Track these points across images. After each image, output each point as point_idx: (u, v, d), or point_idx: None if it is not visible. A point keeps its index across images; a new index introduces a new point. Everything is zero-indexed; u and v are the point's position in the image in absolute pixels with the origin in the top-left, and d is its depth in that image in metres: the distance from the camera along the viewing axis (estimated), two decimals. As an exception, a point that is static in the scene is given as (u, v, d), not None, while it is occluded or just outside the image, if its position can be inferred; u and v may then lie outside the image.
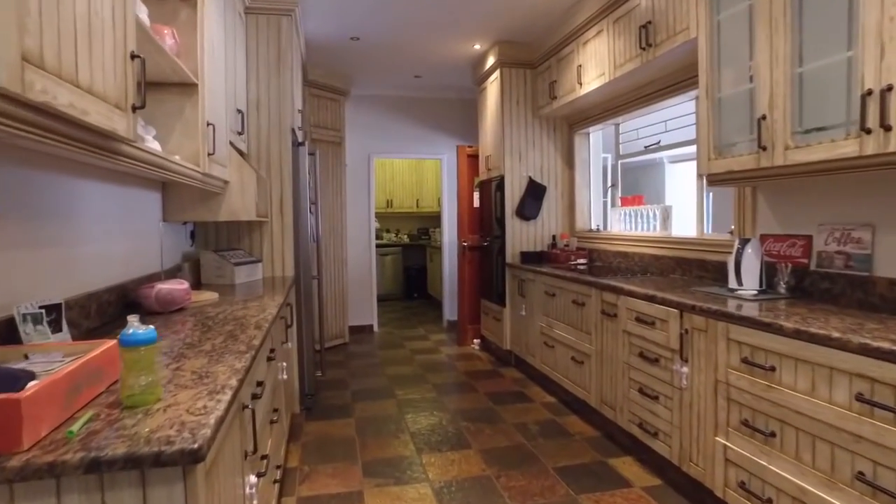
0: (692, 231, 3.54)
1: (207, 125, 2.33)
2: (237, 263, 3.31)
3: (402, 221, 9.62)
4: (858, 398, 1.64)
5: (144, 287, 2.24)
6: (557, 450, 3.13)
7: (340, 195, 5.90)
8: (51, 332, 1.46)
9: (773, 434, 1.98)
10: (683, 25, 2.85)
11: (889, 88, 1.72)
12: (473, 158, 5.92)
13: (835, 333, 1.73)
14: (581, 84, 4.05)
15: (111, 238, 2.20)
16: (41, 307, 1.45)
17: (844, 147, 1.90)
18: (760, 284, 2.58)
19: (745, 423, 2.11)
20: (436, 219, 8.65)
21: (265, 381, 1.94)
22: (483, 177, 5.61)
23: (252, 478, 1.57)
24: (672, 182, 4.83)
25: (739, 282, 2.61)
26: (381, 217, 9.00)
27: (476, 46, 5.01)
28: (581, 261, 4.56)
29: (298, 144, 3.87)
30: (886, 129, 1.73)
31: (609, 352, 3.21)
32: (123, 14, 1.35)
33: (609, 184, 4.83)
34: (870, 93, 1.78)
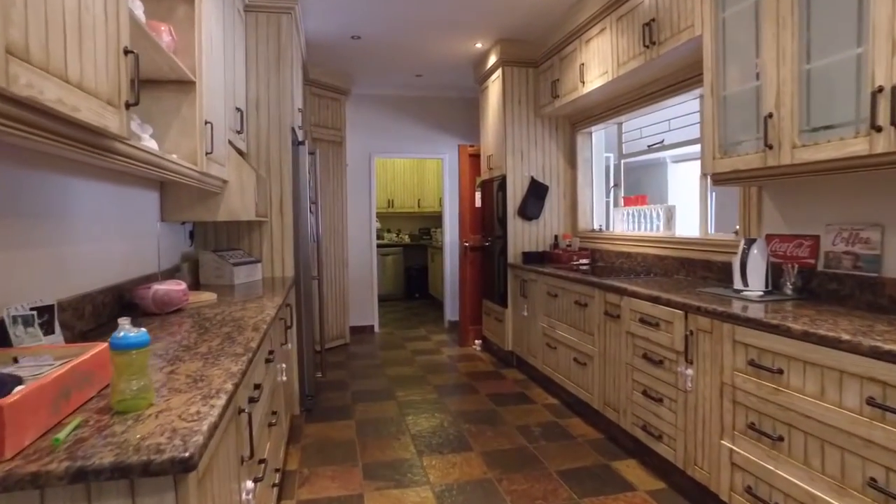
0: (695, 231, 3.50)
1: (205, 123, 2.30)
2: (236, 264, 3.27)
3: (404, 221, 9.59)
4: (870, 402, 1.60)
5: (141, 288, 2.20)
6: (560, 452, 3.09)
7: (341, 195, 5.87)
8: (43, 335, 1.43)
9: (781, 438, 1.94)
10: (688, 23, 2.81)
11: (901, 85, 1.68)
12: (475, 158, 5.88)
13: (845, 336, 1.69)
14: (583, 83, 4.01)
15: (107, 238, 2.17)
16: (32, 309, 1.42)
17: (854, 145, 1.86)
18: (766, 285, 2.54)
19: (752, 427, 2.07)
20: (437, 219, 8.62)
21: (263, 384, 1.91)
22: (485, 176, 5.57)
23: (249, 483, 1.53)
24: (674, 182, 4.79)
25: (745, 283, 2.57)
26: (383, 217, 8.97)
27: (478, 45, 4.97)
28: (583, 261, 4.52)
29: (298, 143, 3.84)
30: (898, 127, 1.70)
31: (612, 353, 3.17)
32: (116, 8, 1.32)
33: (612, 183, 4.79)
34: (880, 90, 1.74)
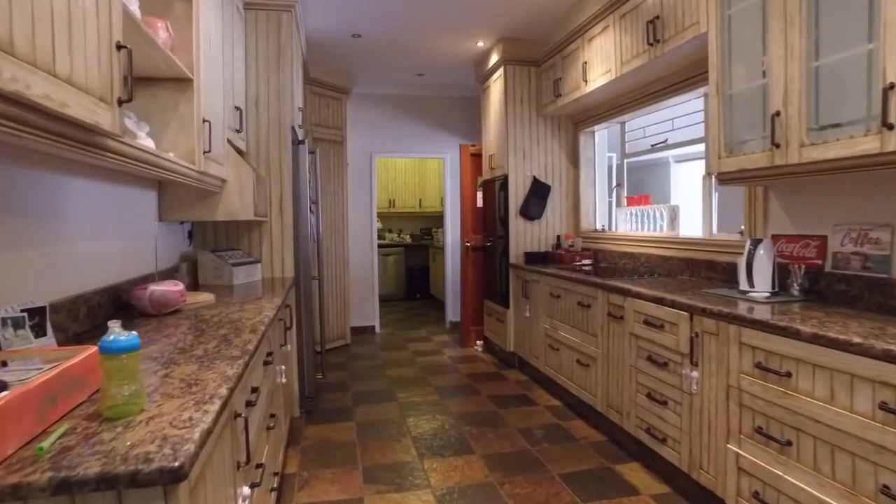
0: (698, 231, 3.46)
1: (203, 122, 2.27)
2: (235, 264, 3.24)
3: (405, 221, 9.55)
4: (882, 407, 1.56)
5: (137, 289, 2.17)
6: (562, 455, 3.05)
7: (342, 195, 5.83)
8: (34, 337, 1.39)
9: (790, 443, 1.90)
10: (693, 20, 2.78)
11: (913, 82, 1.65)
12: (477, 157, 5.84)
13: (856, 338, 1.65)
14: (586, 81, 3.97)
15: (103, 238, 2.14)
16: (23, 310, 1.38)
17: (864, 144, 1.82)
18: (773, 286, 2.50)
19: (759, 431, 2.03)
20: (438, 219, 8.57)
21: (261, 387, 1.87)
22: (486, 176, 5.53)
23: (245, 489, 1.50)
24: (677, 181, 4.75)
25: (751, 284, 2.53)
26: (384, 217, 8.93)
27: (479, 44, 4.93)
28: (586, 261, 4.48)
29: (298, 143, 3.80)
30: (910, 125, 1.66)
31: (616, 355, 3.13)
32: (108, 2, 1.28)
33: (615, 183, 4.74)
34: (892, 87, 1.70)
